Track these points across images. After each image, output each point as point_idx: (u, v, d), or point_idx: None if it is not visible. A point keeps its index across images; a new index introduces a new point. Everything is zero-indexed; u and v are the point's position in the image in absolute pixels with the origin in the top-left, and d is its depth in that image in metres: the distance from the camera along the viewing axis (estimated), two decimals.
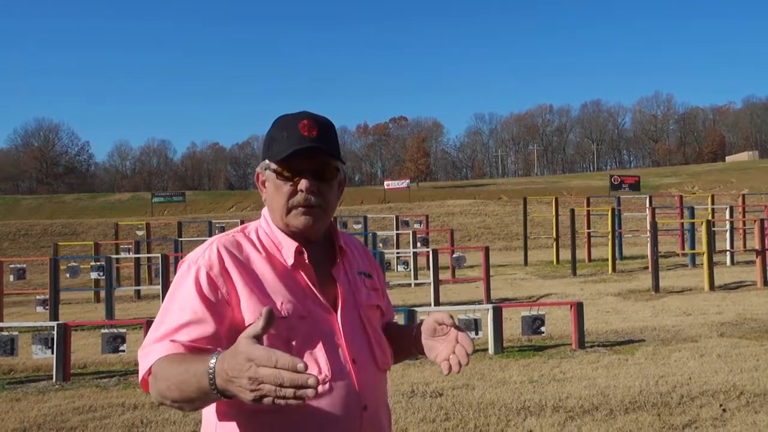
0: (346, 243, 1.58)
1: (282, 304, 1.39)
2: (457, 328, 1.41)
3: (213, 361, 1.15)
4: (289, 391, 1.05)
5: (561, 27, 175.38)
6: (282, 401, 1.07)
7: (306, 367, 1.06)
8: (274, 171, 1.46)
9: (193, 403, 1.23)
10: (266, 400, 1.08)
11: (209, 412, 1.42)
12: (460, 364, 1.36)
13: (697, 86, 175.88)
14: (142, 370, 1.32)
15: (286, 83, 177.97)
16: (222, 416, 1.39)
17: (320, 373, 1.37)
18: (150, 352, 1.31)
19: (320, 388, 1.34)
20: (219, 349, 1.21)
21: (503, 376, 6.21)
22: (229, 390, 1.13)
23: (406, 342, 1.55)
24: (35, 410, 5.50)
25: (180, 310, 1.35)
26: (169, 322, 1.34)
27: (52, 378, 6.62)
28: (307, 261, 1.46)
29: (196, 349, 1.30)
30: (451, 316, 1.45)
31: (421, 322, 1.52)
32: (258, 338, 1.13)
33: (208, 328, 1.33)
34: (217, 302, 1.36)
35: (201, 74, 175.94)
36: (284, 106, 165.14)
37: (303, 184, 1.43)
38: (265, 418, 1.34)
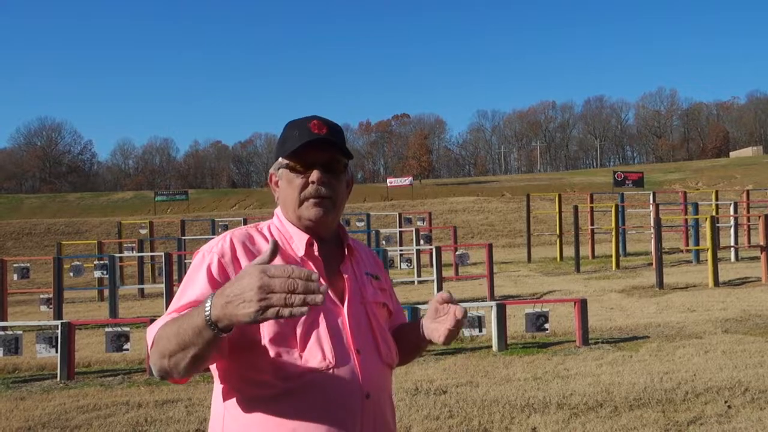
0: (355, 245, 1.66)
1: None
2: (454, 302, 1.51)
3: (209, 299, 1.21)
4: (299, 298, 1.12)
5: (563, 23, 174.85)
6: (287, 311, 1.13)
7: (318, 277, 1.15)
8: (287, 166, 1.55)
9: (187, 350, 1.25)
10: (270, 312, 1.13)
11: (217, 406, 1.49)
12: (450, 329, 1.48)
13: (700, 81, 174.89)
14: (149, 346, 1.37)
15: (288, 81, 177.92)
16: (229, 405, 1.45)
17: (324, 359, 1.42)
18: (153, 328, 1.37)
19: (324, 375, 1.41)
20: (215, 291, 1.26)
21: (507, 373, 6.21)
22: (226, 314, 1.17)
23: (415, 335, 1.61)
24: (40, 409, 5.51)
25: (190, 293, 1.42)
26: (177, 302, 1.42)
27: (56, 377, 6.64)
28: (316, 253, 1.54)
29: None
30: (450, 293, 1.53)
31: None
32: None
33: None
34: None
35: (203, 72, 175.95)
36: (286, 104, 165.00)
37: (314, 175, 1.52)
38: (269, 403, 1.41)
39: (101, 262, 12.70)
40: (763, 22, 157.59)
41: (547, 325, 7.19)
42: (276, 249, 1.23)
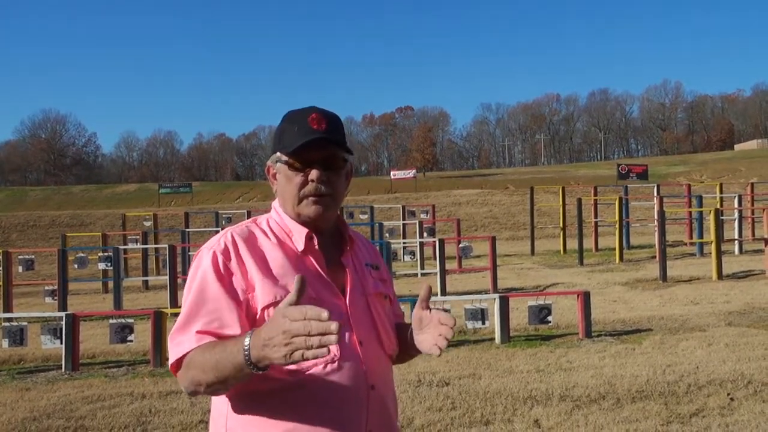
0: (354, 236, 1.64)
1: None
2: (437, 310, 1.48)
3: (247, 338, 1.27)
4: (316, 340, 1.16)
5: (568, 15, 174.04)
6: (311, 354, 1.17)
7: (330, 315, 1.17)
8: (286, 162, 1.52)
9: (226, 383, 1.34)
10: (296, 355, 1.18)
11: (219, 400, 1.48)
12: (446, 338, 1.43)
13: (705, 74, 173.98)
14: (173, 358, 1.42)
15: (292, 74, 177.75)
16: (233, 402, 1.44)
17: (330, 351, 1.41)
18: (181, 342, 1.41)
19: (329, 367, 1.42)
20: (253, 329, 1.31)
21: (510, 365, 6.22)
22: (263, 356, 1.23)
23: (404, 343, 1.61)
24: (45, 399, 5.55)
25: (201, 298, 1.43)
26: (192, 310, 1.43)
27: (61, 368, 6.67)
28: (316, 246, 1.52)
29: (224, 337, 1.39)
30: (429, 288, 1.52)
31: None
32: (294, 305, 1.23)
33: (228, 313, 1.41)
34: (233, 286, 1.44)
35: (207, 65, 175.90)
36: (290, 96, 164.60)
37: (313, 174, 1.50)
38: (274, 397, 1.40)
39: (105, 254, 12.73)
40: None
41: (550, 318, 7.19)
42: (303, 287, 1.24)
